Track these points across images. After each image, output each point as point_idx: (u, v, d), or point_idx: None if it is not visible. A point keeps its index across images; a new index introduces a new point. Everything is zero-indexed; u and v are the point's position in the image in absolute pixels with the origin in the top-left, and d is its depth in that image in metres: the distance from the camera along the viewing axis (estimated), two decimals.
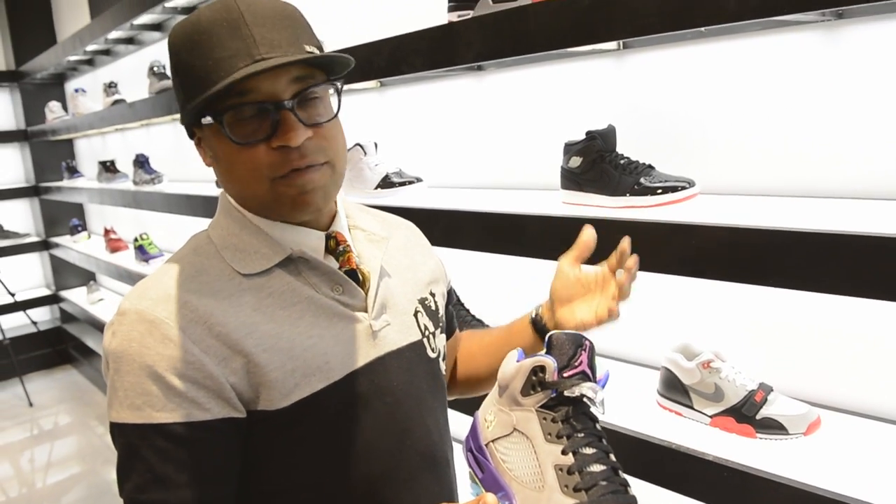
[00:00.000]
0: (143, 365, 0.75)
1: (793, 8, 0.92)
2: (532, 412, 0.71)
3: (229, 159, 0.82)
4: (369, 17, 2.14)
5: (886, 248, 0.87)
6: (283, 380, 0.79)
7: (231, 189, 0.87)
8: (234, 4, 0.78)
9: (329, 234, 0.90)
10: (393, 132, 2.13)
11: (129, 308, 0.79)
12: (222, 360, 0.77)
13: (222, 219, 0.89)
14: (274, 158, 0.79)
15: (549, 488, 0.67)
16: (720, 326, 1.43)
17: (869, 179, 1.18)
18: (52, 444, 3.86)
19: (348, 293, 0.88)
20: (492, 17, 1.32)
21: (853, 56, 1.17)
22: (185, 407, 0.75)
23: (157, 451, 0.75)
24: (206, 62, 0.77)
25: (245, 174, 0.81)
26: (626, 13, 1.09)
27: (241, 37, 0.77)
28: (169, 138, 3.61)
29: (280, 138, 0.78)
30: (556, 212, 1.31)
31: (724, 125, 1.35)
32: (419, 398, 0.92)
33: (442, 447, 0.96)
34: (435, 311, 1.00)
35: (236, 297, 0.82)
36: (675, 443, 1.18)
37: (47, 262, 5.12)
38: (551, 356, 0.72)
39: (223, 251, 0.86)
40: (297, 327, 0.83)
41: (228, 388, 0.77)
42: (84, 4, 4.36)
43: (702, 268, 1.07)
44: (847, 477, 1.03)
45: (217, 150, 0.83)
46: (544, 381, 0.71)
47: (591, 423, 0.72)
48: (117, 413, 0.77)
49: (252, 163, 0.80)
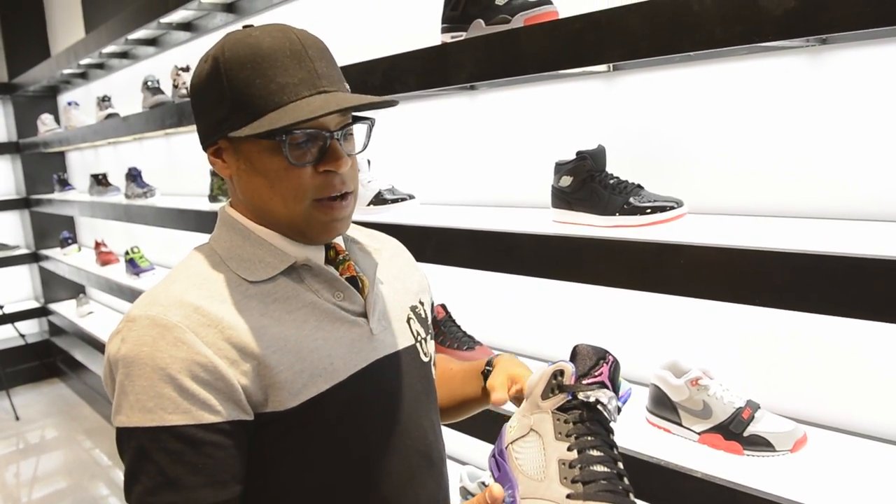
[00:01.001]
0: (155, 368, 0.77)
1: (777, 35, 0.94)
2: (548, 413, 0.75)
3: (276, 176, 0.86)
4: (364, 37, 2.16)
5: (869, 267, 0.89)
6: (292, 380, 0.83)
7: (264, 203, 0.88)
8: (294, 35, 0.85)
9: (329, 245, 0.95)
10: (386, 149, 2.15)
11: (139, 314, 0.81)
12: (233, 363, 0.80)
13: (224, 232, 0.92)
14: (319, 182, 0.86)
15: (548, 479, 0.69)
16: (708, 344, 1.45)
17: (852, 200, 1.21)
18: (38, 459, 3.82)
19: (349, 299, 0.92)
20: (484, 40, 1.35)
21: (836, 80, 1.20)
22: (197, 409, 0.77)
23: (168, 454, 0.76)
24: (270, 84, 0.82)
25: (289, 192, 0.86)
26: (617, 37, 1.11)
27: (305, 68, 0.83)
28: (162, 152, 3.62)
29: (328, 163, 0.85)
30: (546, 230, 1.32)
31: (711, 146, 1.38)
32: (415, 399, 0.96)
33: (437, 446, 1.00)
34: (425, 318, 1.05)
35: (244, 303, 0.85)
36: (664, 459, 1.19)
37: (37, 275, 5.09)
38: (572, 363, 0.77)
39: (228, 261, 0.89)
40: (303, 330, 0.86)
41: (239, 391, 0.80)
42: (79, 18, 4.38)
43: (690, 286, 1.09)
44: (833, 494, 1.04)
45: (260, 165, 0.86)
46: (562, 384, 0.75)
47: (604, 431, 0.74)
48: (127, 417, 0.78)
49: (298, 182, 0.85)
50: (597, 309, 1.65)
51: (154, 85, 3.02)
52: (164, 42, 3.16)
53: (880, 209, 1.17)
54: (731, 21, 0.97)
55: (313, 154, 0.85)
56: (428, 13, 1.79)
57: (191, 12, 2.71)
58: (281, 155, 0.84)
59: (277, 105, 0.82)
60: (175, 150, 3.50)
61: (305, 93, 0.83)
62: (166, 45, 3.15)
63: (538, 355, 1.79)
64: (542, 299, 1.78)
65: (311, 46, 0.85)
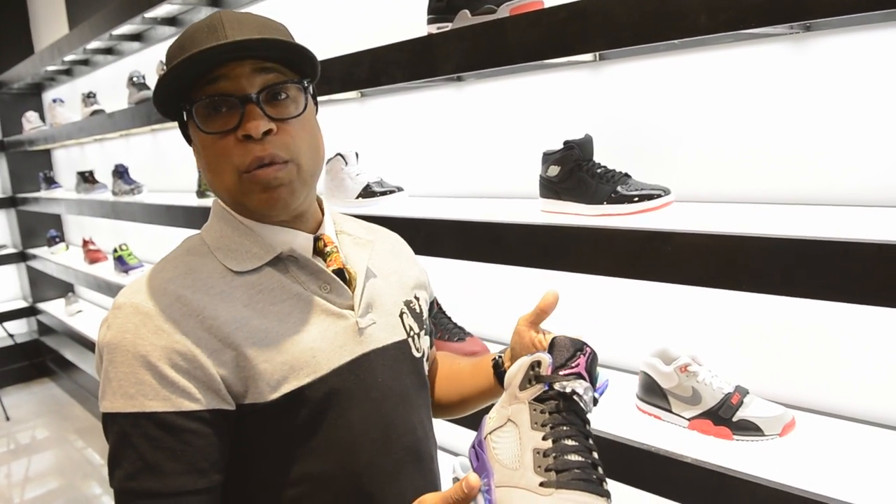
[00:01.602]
0: (136, 354, 0.78)
1: (761, 21, 0.95)
2: (525, 404, 0.75)
3: (205, 152, 0.86)
4: (350, 29, 2.15)
5: (856, 252, 0.89)
6: (271, 372, 0.82)
7: (210, 183, 0.90)
8: (218, 15, 0.84)
9: (317, 236, 0.94)
10: (374, 142, 2.14)
11: (124, 302, 0.82)
12: (213, 353, 0.80)
13: (215, 222, 0.93)
14: (240, 150, 0.83)
15: (523, 467, 0.69)
16: (697, 331, 1.46)
17: (837, 187, 1.22)
18: (29, 459, 3.80)
19: (335, 291, 0.91)
20: (470, 30, 1.35)
21: (820, 66, 1.21)
22: (176, 396, 0.78)
23: (148, 440, 0.77)
24: (180, 55, 0.82)
25: (216, 165, 0.85)
26: (602, 26, 1.12)
27: (216, 37, 0.81)
28: (148, 149, 3.59)
29: (243, 128, 0.82)
30: (534, 220, 1.32)
31: (697, 134, 1.39)
32: (404, 395, 0.95)
33: (426, 443, 0.99)
34: (419, 313, 1.04)
35: (228, 293, 0.85)
36: (655, 446, 1.20)
37: (24, 274, 5.04)
38: (550, 355, 0.77)
39: (216, 251, 0.89)
40: (286, 323, 0.86)
41: (218, 380, 0.80)
42: (62, 14, 4.33)
43: (678, 274, 1.09)
44: (821, 476, 1.06)
45: (197, 144, 0.88)
46: (539, 374, 0.76)
47: (580, 421, 0.74)
48: (110, 402, 0.79)
49: (222, 153, 0.84)
50: (586, 297, 1.65)
51: (139, 80, 3.00)
52: (148, 37, 3.14)
53: (865, 195, 1.18)
54: (716, 8, 0.98)
55: (233, 121, 0.83)
56: (413, 4, 1.78)
57: (175, 7, 2.68)
58: (195, 124, 0.85)
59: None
60: (162, 146, 3.47)
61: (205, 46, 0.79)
62: (151, 40, 3.13)
63: None
64: (532, 289, 1.78)
65: (233, 19, 0.83)
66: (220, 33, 0.82)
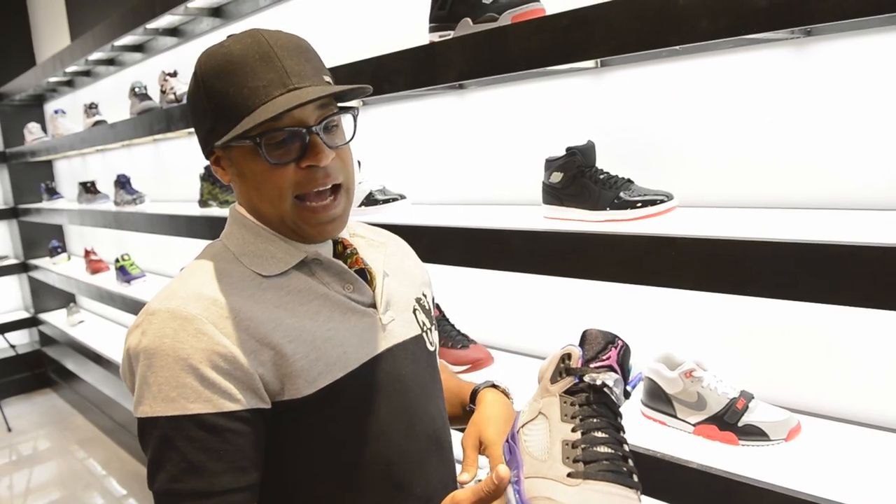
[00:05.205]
0: (177, 358, 0.79)
1: (762, 27, 0.95)
2: (556, 397, 0.76)
3: (260, 178, 0.89)
4: (352, 37, 2.16)
5: (860, 255, 0.89)
6: (307, 369, 0.86)
7: (256, 205, 0.93)
8: (263, 38, 0.87)
9: (336, 240, 0.99)
10: (376, 150, 2.15)
11: (159, 308, 0.83)
12: (252, 353, 0.83)
13: (236, 230, 0.95)
14: (300, 177, 0.88)
15: (552, 458, 0.70)
16: (701, 336, 1.46)
17: (839, 190, 1.22)
18: (31, 470, 3.79)
19: (358, 291, 0.96)
20: (472, 38, 1.35)
21: (822, 71, 1.22)
22: (218, 397, 0.80)
23: (191, 441, 0.79)
24: (242, 90, 0.85)
25: (273, 192, 0.89)
26: (603, 33, 1.12)
27: (275, 68, 0.85)
28: (150, 159, 3.60)
29: (310, 158, 0.87)
30: (538, 226, 1.33)
31: (699, 139, 1.39)
32: (423, 386, 0.99)
33: (445, 431, 1.03)
34: (429, 310, 1.09)
35: (259, 295, 0.88)
36: (660, 452, 1.19)
37: (26, 285, 5.04)
38: (580, 347, 0.78)
39: (241, 257, 0.92)
40: (316, 321, 0.89)
41: (257, 380, 0.83)
42: (64, 26, 4.35)
43: (682, 278, 1.09)
44: (828, 481, 1.05)
45: (246, 169, 0.90)
46: (569, 367, 0.77)
47: (611, 414, 0.75)
48: (150, 407, 0.80)
49: (281, 181, 0.88)
50: (589, 303, 1.65)
51: (141, 91, 3.01)
52: (150, 48, 3.15)
53: (867, 198, 1.19)
54: (717, 14, 0.98)
55: (296, 151, 0.87)
56: (415, 13, 1.79)
57: (177, 17, 2.70)
58: (262, 157, 0.86)
59: (250, 109, 0.84)
60: (164, 156, 3.48)
61: (276, 93, 0.84)
62: (153, 50, 3.14)
63: (532, 352, 1.80)
64: (535, 296, 1.78)
65: (281, 46, 0.87)
66: (275, 63, 0.85)
